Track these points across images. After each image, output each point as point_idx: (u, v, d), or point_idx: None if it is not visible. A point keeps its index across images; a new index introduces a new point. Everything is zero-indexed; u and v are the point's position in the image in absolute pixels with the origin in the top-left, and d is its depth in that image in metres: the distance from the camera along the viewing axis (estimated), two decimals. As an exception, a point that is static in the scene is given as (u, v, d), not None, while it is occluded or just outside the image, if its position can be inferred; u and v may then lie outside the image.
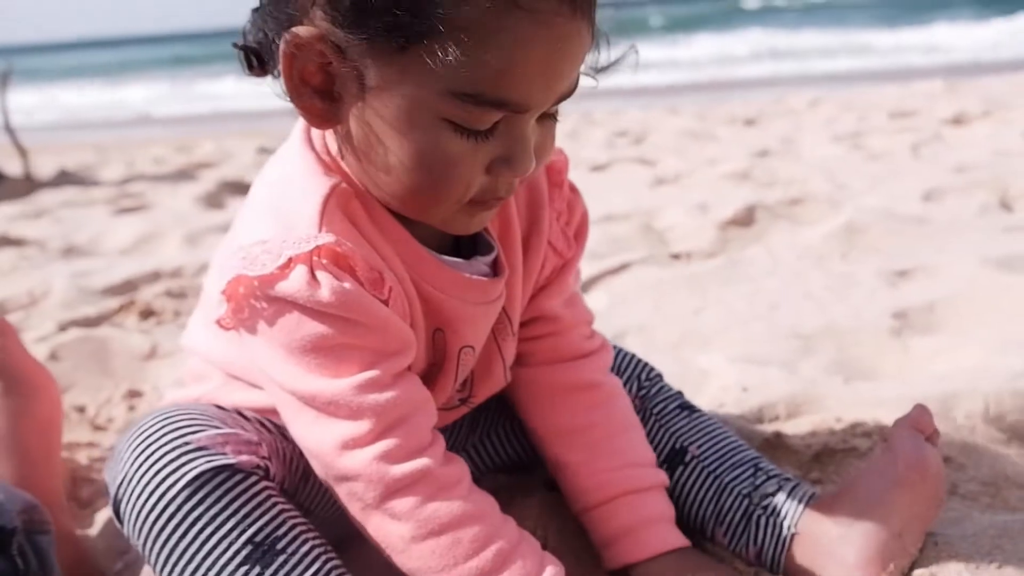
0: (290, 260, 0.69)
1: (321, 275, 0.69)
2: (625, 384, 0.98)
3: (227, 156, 4.47)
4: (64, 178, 3.99)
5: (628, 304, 1.69)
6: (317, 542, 0.72)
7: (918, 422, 0.87)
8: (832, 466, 1.08)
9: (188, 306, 1.89)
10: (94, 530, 1.08)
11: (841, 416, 1.15)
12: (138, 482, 0.71)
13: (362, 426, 0.70)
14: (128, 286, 2.07)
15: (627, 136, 4.16)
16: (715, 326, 1.55)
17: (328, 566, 0.71)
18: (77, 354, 1.56)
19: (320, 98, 0.69)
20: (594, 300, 1.77)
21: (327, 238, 0.70)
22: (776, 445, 1.11)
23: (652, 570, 0.87)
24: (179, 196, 3.32)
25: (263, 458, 0.74)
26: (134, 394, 1.41)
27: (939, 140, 3.22)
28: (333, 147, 0.76)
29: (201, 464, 0.70)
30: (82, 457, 1.21)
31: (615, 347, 1.01)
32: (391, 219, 0.76)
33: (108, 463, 0.77)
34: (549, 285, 0.92)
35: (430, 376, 0.84)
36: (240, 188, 3.42)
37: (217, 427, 0.74)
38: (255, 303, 0.70)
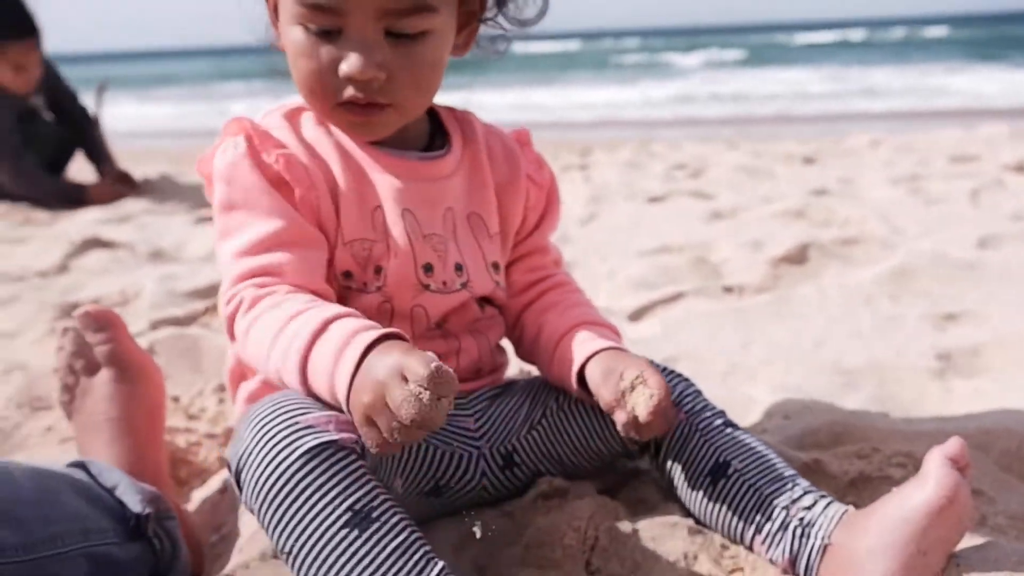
0: (221, 139, 1.00)
1: (226, 144, 0.99)
2: (672, 389, 1.08)
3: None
4: (146, 186, 4.21)
5: (680, 333, 1.78)
6: (404, 514, 0.82)
7: (952, 453, 0.93)
8: (867, 492, 1.15)
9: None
10: (191, 506, 1.21)
11: (878, 446, 1.22)
12: (257, 455, 0.82)
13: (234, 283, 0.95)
14: (212, 290, 2.23)
15: (685, 169, 4.24)
16: (762, 359, 1.63)
17: (413, 536, 0.81)
18: (171, 350, 1.71)
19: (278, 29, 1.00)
20: (647, 328, 1.86)
21: (247, 122, 0.99)
22: (814, 470, 1.18)
23: (598, 359, 1.03)
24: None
25: (356, 437, 0.84)
26: (223, 388, 1.54)
27: (1000, 186, 3.23)
28: None
29: (310, 440, 0.81)
30: (180, 441, 1.35)
31: (663, 367, 1.11)
32: (334, 129, 1.03)
33: (230, 443, 0.89)
34: (540, 225, 1.18)
35: (382, 244, 1.03)
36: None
37: (321, 409, 0.85)
38: (206, 175, 1.02)
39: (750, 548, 1.02)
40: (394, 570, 0.79)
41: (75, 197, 3.74)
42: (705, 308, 1.93)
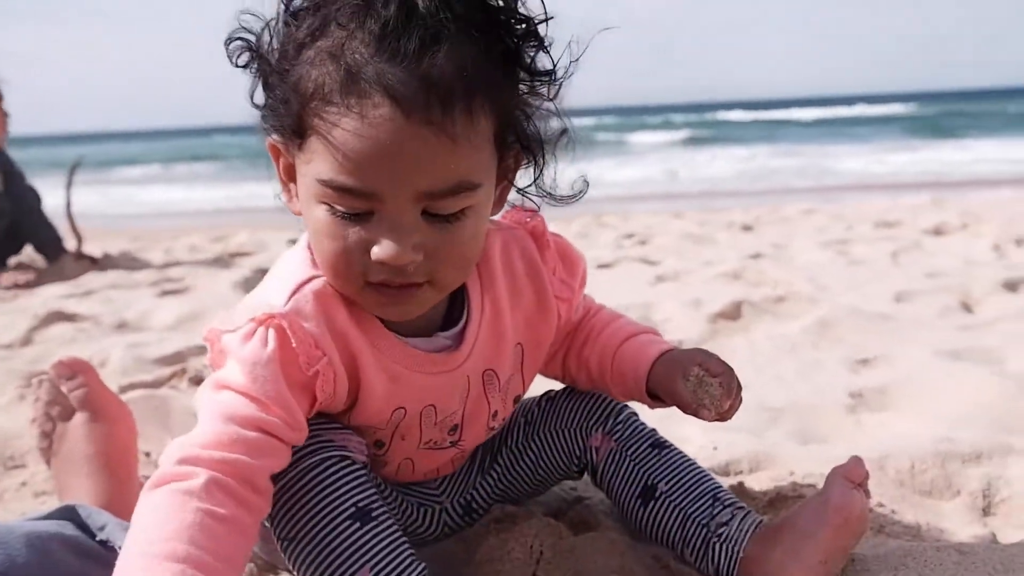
0: (250, 321, 0.89)
1: (258, 334, 0.88)
2: (599, 425, 1.19)
3: (261, 246, 4.78)
4: (108, 262, 4.29)
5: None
6: (394, 520, 0.96)
7: (849, 471, 1.06)
8: (783, 510, 1.29)
9: (234, 374, 2.12)
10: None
11: (794, 470, 1.37)
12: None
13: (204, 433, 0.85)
14: (178, 357, 2.31)
15: (633, 238, 4.47)
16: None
17: (403, 537, 0.95)
18: (141, 409, 1.78)
19: (296, 187, 0.92)
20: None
21: (280, 311, 0.89)
22: (738, 492, 1.32)
23: (656, 374, 1.11)
24: (218, 281, 3.60)
25: (365, 454, 0.99)
26: (194, 442, 1.63)
27: (918, 248, 3.49)
28: None
29: (328, 451, 0.95)
30: (155, 488, 1.44)
31: (597, 393, 1.22)
32: (364, 313, 0.95)
33: None
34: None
35: (389, 431, 1.03)
36: (273, 275, 3.68)
37: (336, 426, 0.98)
38: (219, 349, 0.92)
39: (681, 559, 1.14)
40: (387, 560, 0.91)
41: None
42: (645, 360, 2.08)
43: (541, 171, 0.96)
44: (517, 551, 1.12)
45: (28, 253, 4.33)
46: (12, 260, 4.22)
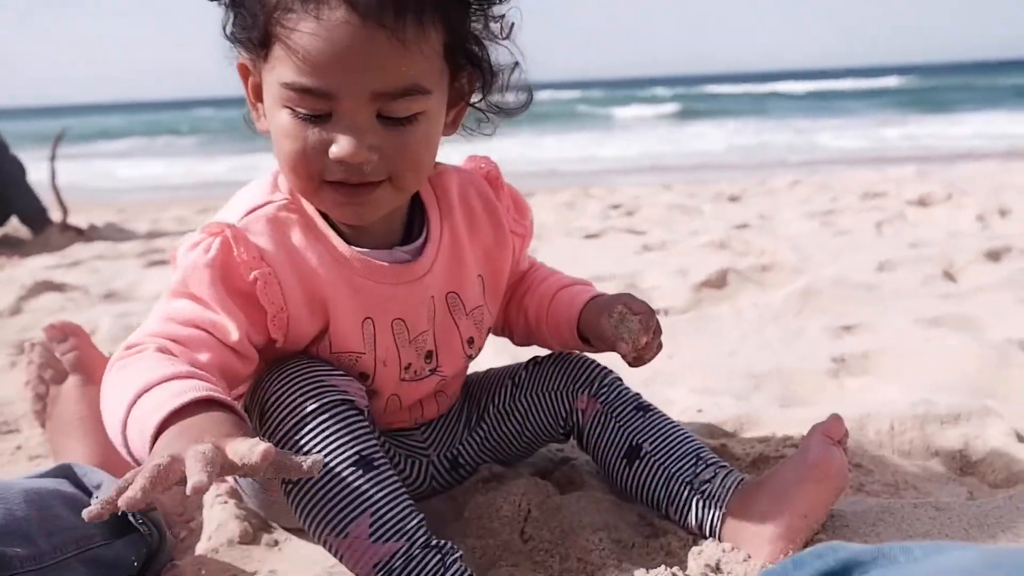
0: (199, 234, 0.97)
1: (203, 245, 0.96)
2: (584, 388, 1.22)
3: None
4: (94, 233, 4.27)
5: (609, 348, 1.95)
6: (394, 470, 0.99)
7: (828, 429, 1.09)
8: (766, 469, 1.33)
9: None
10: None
11: (775, 432, 1.40)
12: (287, 399, 0.97)
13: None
14: (168, 325, 2.33)
15: (620, 209, 4.48)
16: (682, 367, 1.81)
17: (402, 487, 0.98)
18: (133, 376, 1.81)
19: (263, 107, 0.98)
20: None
21: (228, 224, 0.96)
22: (722, 453, 1.35)
23: (585, 316, 1.17)
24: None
25: (367, 402, 1.03)
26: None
27: (902, 219, 3.53)
28: None
29: (333, 395, 0.97)
30: (149, 451, 1.46)
31: (584, 357, 1.26)
32: (322, 231, 1.02)
33: (249, 388, 1.03)
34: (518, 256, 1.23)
35: (370, 356, 1.06)
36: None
37: (341, 373, 1.01)
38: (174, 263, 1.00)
39: (666, 517, 1.17)
40: (386, 507, 0.95)
41: None
42: (632, 327, 2.11)
43: (490, 88, 1.03)
44: (505, 508, 1.15)
45: (13, 225, 4.30)
46: None
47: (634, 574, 1.01)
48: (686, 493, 1.13)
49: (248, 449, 0.72)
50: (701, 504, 1.12)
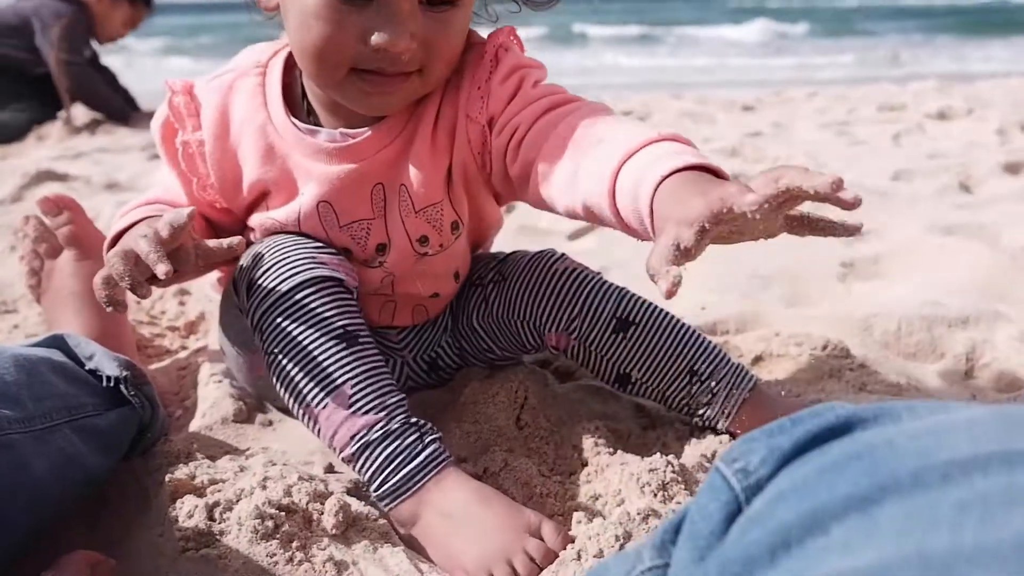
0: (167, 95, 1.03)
1: (161, 108, 1.03)
2: (551, 323, 1.08)
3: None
4: (96, 126, 4.20)
5: (613, 247, 1.91)
6: (377, 349, 0.98)
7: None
8: (768, 367, 1.31)
9: (224, 232, 2.11)
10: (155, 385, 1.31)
11: (780, 330, 1.38)
12: (276, 270, 0.96)
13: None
14: (167, 215, 2.30)
15: (631, 116, 4.37)
16: (687, 266, 1.77)
17: (384, 365, 0.97)
18: (131, 261, 1.79)
19: None
20: (584, 243, 2.00)
21: (181, 90, 1.02)
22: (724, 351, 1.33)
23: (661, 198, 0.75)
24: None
25: (355, 281, 1.01)
26: (183, 292, 1.64)
27: (920, 131, 3.43)
28: None
29: (323, 270, 0.96)
30: (144, 331, 1.45)
31: (551, 269, 1.09)
32: (269, 101, 1.01)
33: (240, 260, 1.02)
34: (506, 114, 0.96)
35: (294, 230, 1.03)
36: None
37: (332, 252, 1.00)
38: None
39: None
40: (367, 381, 0.94)
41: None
42: (638, 228, 2.07)
43: None
44: (501, 395, 1.13)
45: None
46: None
47: (629, 462, 1.01)
48: (684, 412, 1.12)
49: (174, 213, 0.84)
50: (701, 424, 1.11)
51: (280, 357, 0.95)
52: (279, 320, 0.94)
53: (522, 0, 1.02)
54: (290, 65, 1.03)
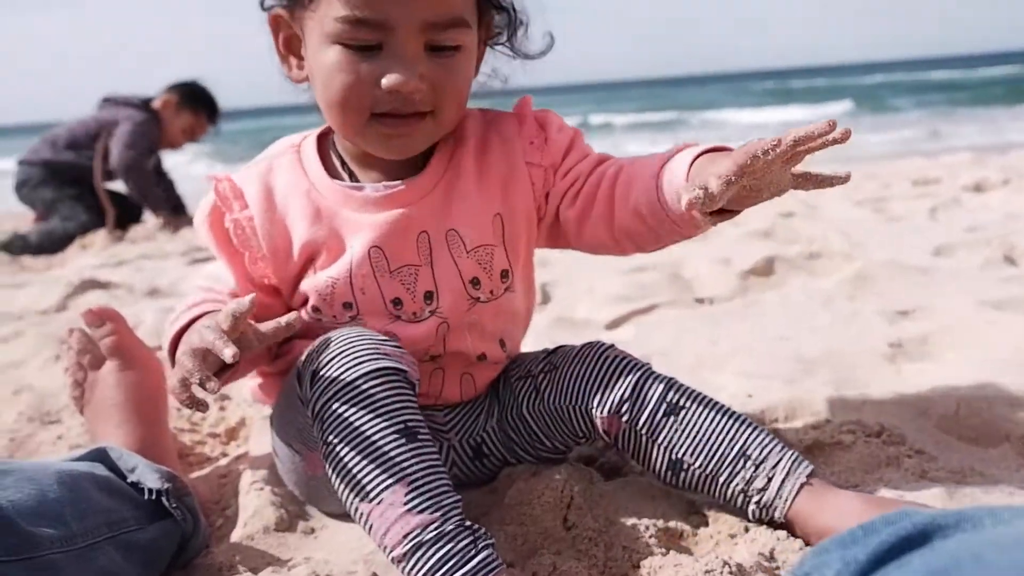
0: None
1: (204, 202, 1.10)
2: (602, 406, 1.10)
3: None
4: (141, 233, 4.33)
5: (653, 335, 1.89)
6: (436, 446, 0.98)
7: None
8: (822, 457, 1.26)
9: (263, 334, 2.12)
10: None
11: (830, 417, 1.33)
12: (342, 362, 0.96)
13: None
14: (208, 319, 2.33)
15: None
16: (728, 352, 1.74)
17: (441, 463, 0.95)
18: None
19: (295, 58, 1.07)
20: (622, 333, 1.97)
21: (223, 179, 1.09)
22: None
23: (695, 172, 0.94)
24: (246, 249, 3.61)
25: (417, 375, 1.01)
26: (224, 397, 1.64)
27: (957, 204, 3.40)
28: None
29: (387, 361, 0.96)
30: (185, 439, 1.45)
31: (602, 355, 1.14)
32: (309, 167, 1.09)
33: (305, 353, 1.02)
34: (567, 163, 1.11)
35: (345, 282, 1.07)
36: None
37: (395, 344, 1.00)
38: None
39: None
40: (425, 479, 0.92)
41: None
42: (677, 314, 2.05)
43: (514, 29, 1.10)
44: (547, 495, 1.10)
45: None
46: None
47: (683, 563, 0.96)
48: (741, 501, 1.08)
49: (236, 303, 0.90)
50: (759, 514, 1.06)
51: (339, 447, 0.94)
52: (341, 409, 0.94)
53: (517, 53, 1.12)
54: (322, 138, 1.14)
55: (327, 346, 0.99)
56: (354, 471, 0.93)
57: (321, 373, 0.97)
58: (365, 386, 0.94)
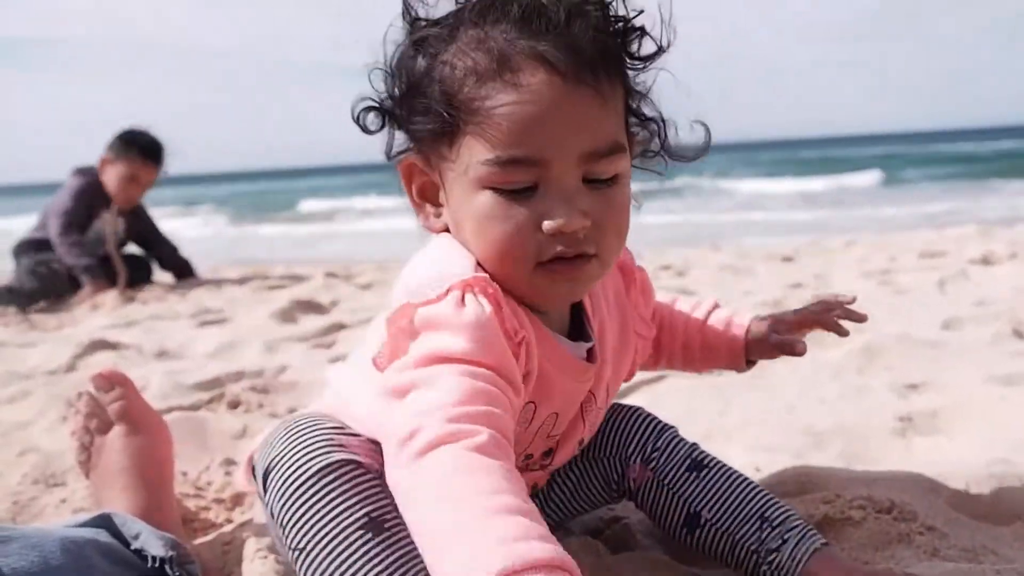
0: (449, 289, 0.86)
1: (469, 299, 0.85)
2: (636, 454, 1.17)
3: (297, 280, 4.83)
4: (150, 295, 4.37)
5: (662, 404, 1.89)
6: (407, 533, 0.89)
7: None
8: (832, 533, 1.25)
9: (272, 400, 2.12)
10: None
11: (840, 492, 1.31)
12: (292, 456, 0.92)
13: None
14: (216, 382, 2.33)
15: (671, 270, 4.43)
16: (736, 424, 1.73)
17: (414, 549, 0.87)
18: (179, 430, 1.79)
19: (432, 206, 0.97)
20: (632, 402, 1.96)
21: (481, 275, 0.88)
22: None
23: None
24: (255, 313, 3.64)
25: (380, 464, 0.92)
26: (230, 462, 1.64)
27: (965, 277, 3.41)
28: None
29: (341, 454, 0.91)
30: (190, 504, 1.44)
31: (634, 414, 1.21)
32: (520, 304, 0.93)
33: (259, 448, 0.99)
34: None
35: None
36: (313, 306, 3.71)
37: (353, 433, 0.96)
38: (411, 327, 0.86)
39: None
40: (400, 572, 0.86)
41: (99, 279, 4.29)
42: (686, 384, 2.04)
43: (665, 134, 0.98)
44: (554, 569, 1.09)
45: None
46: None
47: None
48: (752, 562, 1.07)
49: None
50: (768, 574, 1.06)
51: (302, 556, 0.89)
52: (300, 511, 0.89)
53: (671, 156, 1.01)
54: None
55: (276, 443, 0.95)
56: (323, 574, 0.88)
57: (273, 474, 0.93)
58: (318, 485, 0.89)
